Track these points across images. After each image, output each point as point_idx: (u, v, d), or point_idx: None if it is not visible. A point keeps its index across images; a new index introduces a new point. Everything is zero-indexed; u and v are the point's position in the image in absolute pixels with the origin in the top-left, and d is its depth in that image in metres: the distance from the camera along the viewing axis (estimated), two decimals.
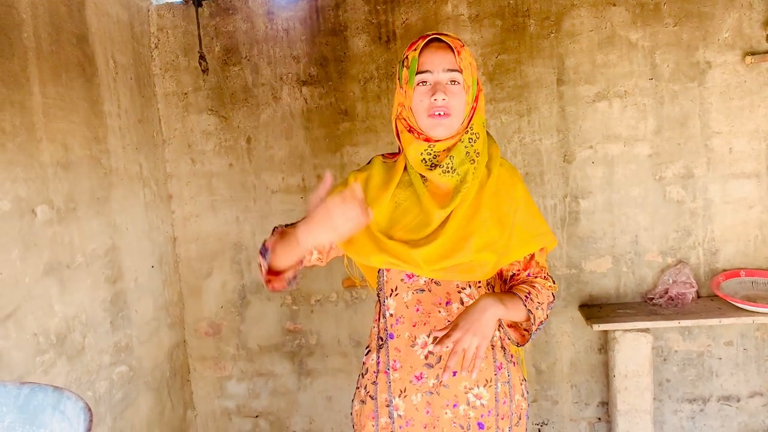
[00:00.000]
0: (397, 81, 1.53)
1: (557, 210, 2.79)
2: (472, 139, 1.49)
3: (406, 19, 2.76)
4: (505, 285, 1.59)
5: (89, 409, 0.80)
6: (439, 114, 1.44)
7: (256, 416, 3.02)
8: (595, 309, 2.74)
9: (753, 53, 2.62)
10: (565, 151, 2.77)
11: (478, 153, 1.49)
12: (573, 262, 2.82)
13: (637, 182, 2.75)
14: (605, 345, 2.81)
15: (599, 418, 2.92)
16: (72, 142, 2.14)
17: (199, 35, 2.81)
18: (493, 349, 1.53)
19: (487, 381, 1.51)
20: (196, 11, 2.79)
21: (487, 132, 1.57)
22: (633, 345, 2.61)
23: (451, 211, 1.47)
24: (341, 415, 3.00)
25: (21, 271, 1.85)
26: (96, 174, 2.29)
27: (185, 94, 2.87)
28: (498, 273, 1.56)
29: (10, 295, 1.79)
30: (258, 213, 2.91)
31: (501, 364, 1.53)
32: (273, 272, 1.46)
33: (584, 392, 2.91)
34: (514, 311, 1.43)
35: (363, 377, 1.60)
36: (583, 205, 2.79)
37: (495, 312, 1.36)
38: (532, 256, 1.55)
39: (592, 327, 2.58)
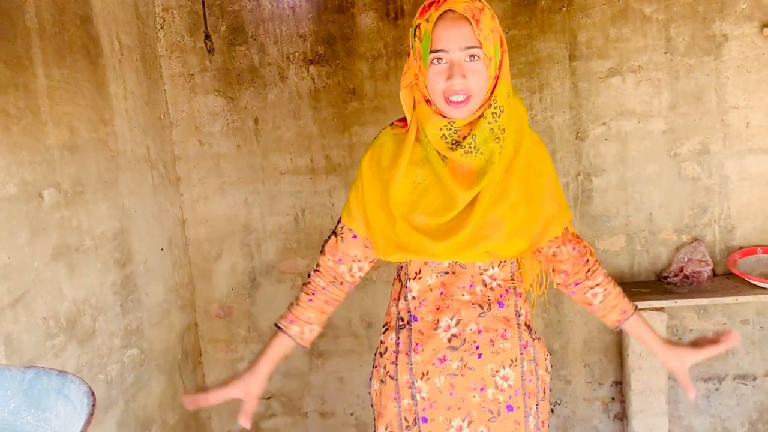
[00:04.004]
0: (410, 49, 1.40)
1: (570, 188, 2.75)
2: (495, 113, 1.37)
3: None
4: (539, 253, 1.56)
5: (93, 394, 0.79)
6: (457, 101, 1.33)
7: (269, 398, 3.03)
8: None
9: None
10: (577, 128, 2.72)
11: (503, 129, 1.37)
12: (586, 240, 2.77)
13: (651, 159, 2.71)
14: None
15: (613, 398, 2.90)
16: (78, 124, 2.13)
17: (204, 15, 2.78)
18: (518, 328, 1.49)
19: (512, 361, 1.47)
20: None
21: (515, 89, 1.46)
22: None
23: (478, 194, 1.37)
24: (353, 395, 3.00)
25: (29, 255, 1.84)
26: (103, 157, 2.28)
27: (192, 75, 2.84)
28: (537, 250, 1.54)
29: (19, 280, 1.79)
30: (267, 195, 2.89)
31: (526, 342, 1.50)
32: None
33: (598, 372, 2.89)
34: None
35: (382, 356, 1.55)
36: (597, 182, 2.74)
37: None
38: (567, 229, 1.50)
39: None
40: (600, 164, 2.73)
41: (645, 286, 2.70)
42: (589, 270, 1.56)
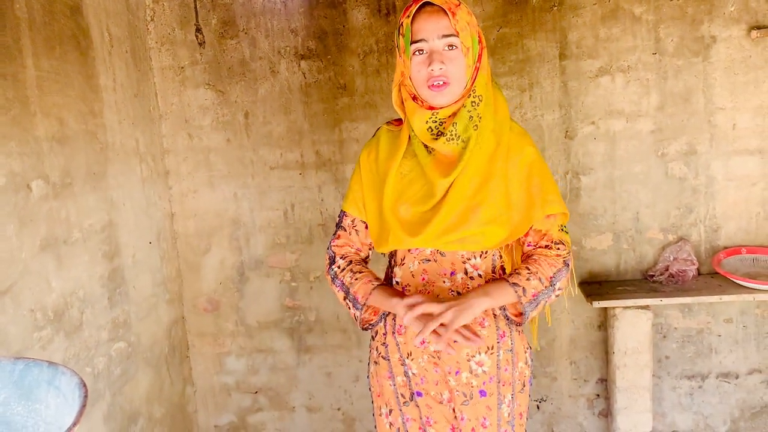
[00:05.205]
0: (396, 49, 1.50)
1: (558, 186, 2.76)
2: (474, 102, 1.45)
3: None
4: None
5: (84, 385, 0.79)
6: (438, 85, 1.41)
7: (256, 392, 3.03)
8: (595, 286, 2.73)
9: (759, 27, 2.58)
10: (566, 127, 2.74)
11: (480, 117, 1.46)
12: (573, 239, 2.80)
13: (639, 159, 2.73)
14: (605, 322, 2.80)
15: (598, 395, 2.92)
16: (67, 116, 2.11)
17: (196, 7, 2.76)
18: (495, 317, 1.54)
19: (489, 348, 1.53)
20: None
21: (496, 84, 1.53)
22: (633, 322, 2.61)
23: (454, 180, 1.45)
24: (341, 390, 3.00)
25: (17, 247, 1.83)
26: (92, 149, 2.26)
27: (182, 68, 2.82)
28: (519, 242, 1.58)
29: (6, 271, 1.78)
30: (256, 189, 2.89)
31: (504, 332, 1.55)
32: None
33: (583, 369, 2.91)
34: (501, 294, 1.46)
35: (374, 340, 1.66)
36: (585, 181, 2.76)
37: (480, 303, 1.41)
38: (533, 224, 1.53)
39: (591, 304, 2.57)
40: (588, 163, 2.75)
41: (631, 284, 2.72)
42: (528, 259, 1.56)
